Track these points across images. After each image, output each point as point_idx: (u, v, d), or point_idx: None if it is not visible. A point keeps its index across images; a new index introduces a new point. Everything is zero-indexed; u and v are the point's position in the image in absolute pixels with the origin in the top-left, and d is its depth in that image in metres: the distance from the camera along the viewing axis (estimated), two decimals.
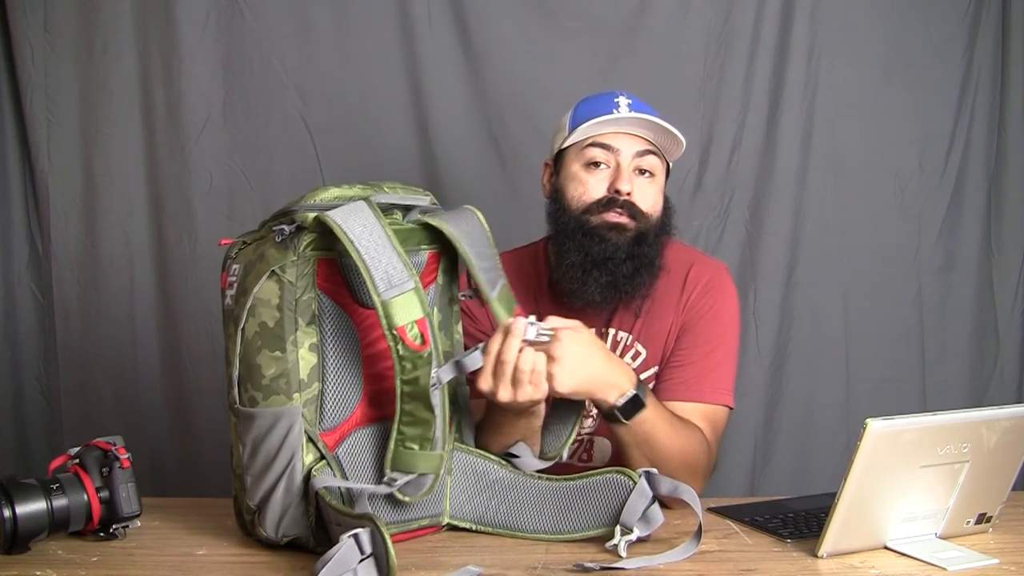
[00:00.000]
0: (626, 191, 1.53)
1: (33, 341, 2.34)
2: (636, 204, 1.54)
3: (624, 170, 1.54)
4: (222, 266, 1.33)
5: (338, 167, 2.27)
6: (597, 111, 1.56)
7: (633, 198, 1.54)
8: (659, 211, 1.58)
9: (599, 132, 1.56)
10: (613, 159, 1.55)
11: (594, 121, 1.54)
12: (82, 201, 2.30)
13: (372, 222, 1.22)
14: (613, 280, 1.53)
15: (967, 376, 2.36)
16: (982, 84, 2.31)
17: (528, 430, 1.41)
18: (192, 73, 2.26)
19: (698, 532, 1.26)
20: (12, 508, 1.21)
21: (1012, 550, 1.27)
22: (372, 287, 1.19)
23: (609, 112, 1.54)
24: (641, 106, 1.57)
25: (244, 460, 1.26)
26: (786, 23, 2.27)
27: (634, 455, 1.41)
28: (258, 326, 1.23)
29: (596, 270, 1.53)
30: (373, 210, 1.23)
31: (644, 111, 1.56)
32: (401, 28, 2.27)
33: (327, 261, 1.25)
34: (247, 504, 1.27)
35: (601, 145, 1.55)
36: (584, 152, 1.56)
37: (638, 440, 1.40)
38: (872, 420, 1.15)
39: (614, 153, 1.55)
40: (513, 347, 1.26)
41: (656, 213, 1.57)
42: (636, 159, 1.55)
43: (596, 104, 1.58)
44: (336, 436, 1.27)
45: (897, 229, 2.32)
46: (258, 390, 1.23)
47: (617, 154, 1.55)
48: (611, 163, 1.55)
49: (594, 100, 1.59)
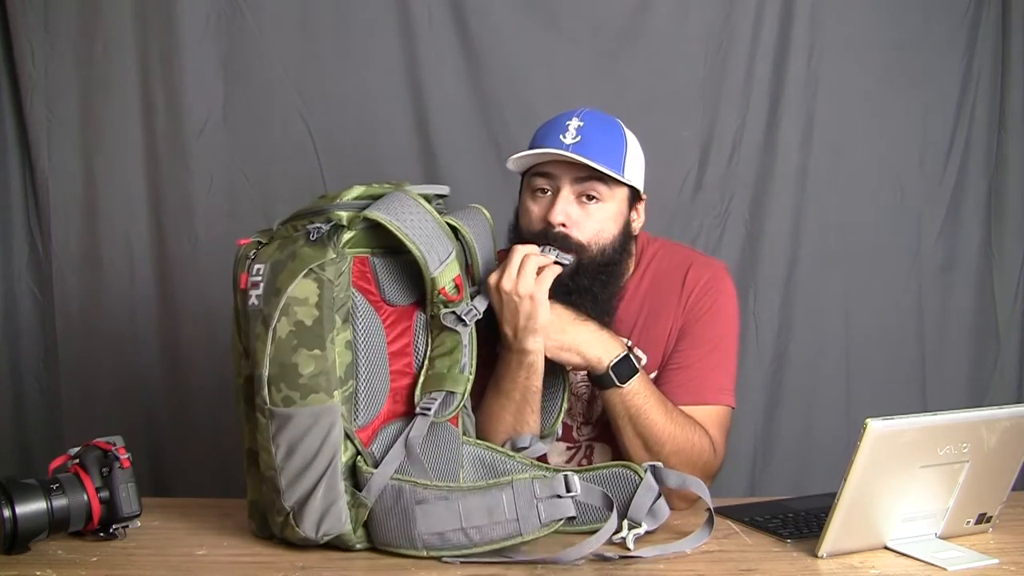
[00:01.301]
0: (558, 222, 1.50)
1: (33, 341, 2.34)
2: (570, 236, 1.50)
3: (560, 199, 1.51)
4: (237, 266, 1.32)
5: (338, 167, 2.27)
6: (544, 139, 1.53)
7: (568, 229, 1.50)
8: (606, 240, 1.53)
9: (534, 162, 1.54)
10: (555, 185, 1.53)
11: (523, 154, 1.51)
12: (82, 201, 2.30)
13: (414, 207, 1.30)
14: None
15: (967, 376, 2.35)
16: (982, 84, 2.31)
17: (528, 388, 1.46)
18: (192, 73, 2.26)
19: (709, 520, 1.27)
20: (12, 508, 1.21)
21: (1012, 550, 1.27)
22: (426, 269, 1.29)
23: (555, 139, 1.51)
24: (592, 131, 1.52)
25: (278, 462, 1.25)
26: (786, 23, 2.27)
27: (627, 432, 1.45)
28: (293, 325, 1.24)
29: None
30: (411, 195, 1.31)
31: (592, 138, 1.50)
32: (401, 28, 2.27)
33: (359, 259, 1.30)
34: (280, 506, 1.26)
35: (542, 174, 1.54)
36: (531, 179, 1.56)
37: (631, 413, 1.45)
38: (872, 420, 1.16)
39: (555, 180, 1.52)
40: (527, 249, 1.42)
41: (601, 242, 1.52)
42: (576, 185, 1.51)
43: (547, 130, 1.55)
44: (369, 432, 1.29)
45: (897, 229, 2.32)
46: (294, 389, 1.24)
47: (558, 181, 1.52)
48: (553, 189, 1.53)
49: (548, 124, 1.56)
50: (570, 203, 1.52)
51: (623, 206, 1.56)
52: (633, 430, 1.45)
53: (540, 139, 1.55)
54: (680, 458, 1.45)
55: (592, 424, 1.62)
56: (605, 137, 1.53)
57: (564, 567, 1.20)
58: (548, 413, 1.51)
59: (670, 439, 1.45)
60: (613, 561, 1.23)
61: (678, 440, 1.46)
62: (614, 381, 1.44)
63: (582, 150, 1.49)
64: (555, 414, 1.51)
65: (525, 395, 1.47)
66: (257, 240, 1.34)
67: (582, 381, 1.61)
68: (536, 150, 1.51)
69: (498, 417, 1.49)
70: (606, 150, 1.51)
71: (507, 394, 1.47)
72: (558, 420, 1.51)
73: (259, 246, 1.32)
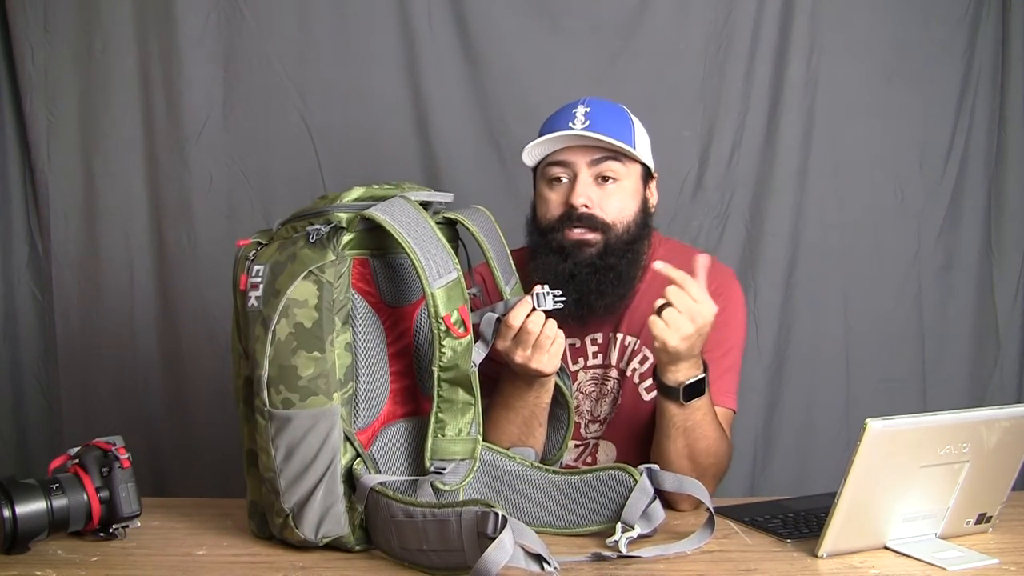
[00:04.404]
0: (580, 204, 1.53)
1: (33, 341, 2.34)
2: (596, 216, 1.53)
3: (580, 182, 1.54)
4: (236, 267, 1.32)
5: (338, 167, 2.27)
6: (552, 128, 1.56)
7: (592, 210, 1.54)
8: (630, 215, 1.56)
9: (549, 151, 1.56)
10: (571, 172, 1.55)
11: (540, 140, 1.54)
12: (82, 201, 2.30)
13: (415, 215, 1.26)
14: (580, 296, 1.53)
15: (967, 376, 2.35)
16: (982, 84, 2.31)
17: (537, 405, 1.45)
18: (192, 73, 2.26)
19: (710, 521, 1.27)
20: (12, 508, 1.21)
21: (1012, 550, 1.27)
22: (424, 278, 1.23)
23: (564, 127, 1.54)
24: (599, 114, 1.55)
25: (277, 463, 1.25)
26: (786, 23, 2.27)
27: (677, 444, 1.43)
28: (292, 327, 1.23)
29: (562, 286, 1.52)
30: (412, 204, 1.28)
31: (601, 119, 1.54)
32: (401, 28, 2.27)
33: (359, 261, 1.29)
34: (279, 507, 1.26)
35: (557, 162, 1.56)
36: (546, 171, 1.58)
37: (687, 427, 1.42)
38: (872, 420, 1.16)
39: (571, 166, 1.55)
40: (537, 319, 1.36)
41: (625, 219, 1.56)
42: (593, 168, 1.54)
43: (555, 120, 1.58)
44: (368, 434, 1.28)
45: (897, 229, 2.32)
46: (294, 391, 1.23)
47: (574, 167, 1.55)
48: (570, 176, 1.56)
49: (555, 115, 1.60)
50: (589, 185, 1.54)
51: (639, 184, 1.59)
52: (684, 441, 1.43)
53: (548, 129, 1.57)
54: (717, 468, 1.47)
55: (599, 422, 1.62)
56: (613, 118, 1.57)
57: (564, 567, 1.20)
58: (551, 443, 1.50)
59: (715, 453, 1.46)
60: (613, 561, 1.23)
61: (719, 454, 1.47)
62: (679, 397, 1.41)
63: (594, 131, 1.52)
64: (559, 445, 1.50)
65: (534, 411, 1.46)
66: (257, 241, 1.33)
67: (590, 380, 1.61)
68: (552, 134, 1.53)
69: (503, 429, 1.47)
70: (616, 130, 1.55)
71: (515, 410, 1.46)
72: (562, 450, 1.50)
73: (259, 247, 1.32)
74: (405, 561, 1.22)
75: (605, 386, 1.62)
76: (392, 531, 1.21)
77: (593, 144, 1.53)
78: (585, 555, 1.24)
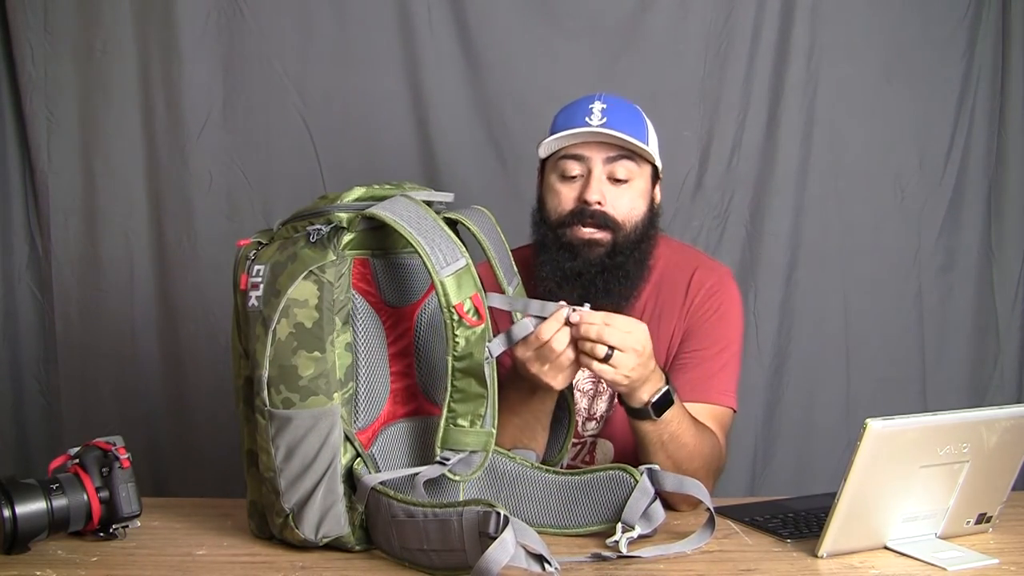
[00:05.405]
0: (594, 201, 1.53)
1: (33, 341, 2.34)
2: (608, 214, 1.53)
3: (594, 179, 1.53)
4: (237, 267, 1.32)
5: (338, 167, 2.27)
6: (569, 122, 1.55)
7: (605, 207, 1.53)
8: (638, 216, 1.56)
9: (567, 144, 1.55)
10: (585, 167, 1.55)
11: (560, 135, 1.54)
12: (82, 201, 2.30)
13: (417, 210, 1.26)
14: (585, 294, 1.52)
15: (967, 376, 2.36)
16: (982, 84, 2.31)
17: (541, 410, 1.44)
18: (192, 73, 2.26)
19: (710, 521, 1.27)
20: (12, 508, 1.21)
21: (1012, 550, 1.27)
22: (432, 267, 1.21)
23: (581, 122, 1.54)
24: (616, 111, 1.55)
25: (277, 463, 1.24)
26: (786, 23, 2.27)
27: (659, 457, 1.42)
28: (293, 327, 1.23)
29: (568, 284, 1.53)
30: (414, 201, 1.28)
31: (618, 117, 1.54)
32: (401, 28, 2.27)
33: (360, 261, 1.29)
34: (279, 507, 1.26)
35: (572, 156, 1.55)
36: (558, 164, 1.57)
37: (664, 440, 1.41)
38: (872, 420, 1.16)
39: (585, 162, 1.55)
40: (563, 338, 1.31)
41: (633, 219, 1.56)
42: (608, 166, 1.54)
43: (571, 113, 1.57)
44: (369, 434, 1.28)
45: (897, 229, 2.32)
46: (294, 391, 1.23)
47: (588, 162, 1.54)
48: (583, 172, 1.55)
49: (570, 109, 1.59)
50: (603, 182, 1.54)
51: (648, 184, 1.59)
52: (665, 454, 1.42)
53: (564, 123, 1.57)
54: (706, 469, 1.46)
55: (596, 420, 1.62)
56: (629, 117, 1.57)
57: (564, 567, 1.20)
58: (551, 446, 1.49)
59: (699, 455, 1.45)
60: (613, 561, 1.23)
61: (705, 454, 1.46)
62: (651, 415, 1.39)
63: (612, 128, 1.52)
64: (559, 447, 1.49)
65: (537, 416, 1.45)
66: (257, 241, 1.33)
67: (588, 378, 1.61)
68: (573, 130, 1.53)
69: (504, 431, 1.44)
70: (633, 128, 1.54)
71: (518, 414, 1.45)
72: (563, 453, 1.48)
73: (259, 247, 1.31)
74: (405, 561, 1.22)
75: (602, 384, 1.61)
76: (393, 531, 1.21)
77: (610, 141, 1.53)
78: (585, 555, 1.24)
